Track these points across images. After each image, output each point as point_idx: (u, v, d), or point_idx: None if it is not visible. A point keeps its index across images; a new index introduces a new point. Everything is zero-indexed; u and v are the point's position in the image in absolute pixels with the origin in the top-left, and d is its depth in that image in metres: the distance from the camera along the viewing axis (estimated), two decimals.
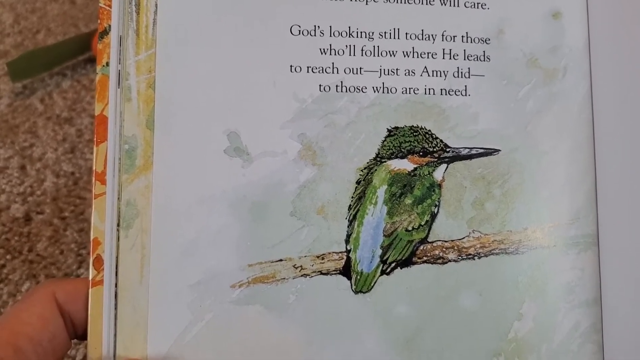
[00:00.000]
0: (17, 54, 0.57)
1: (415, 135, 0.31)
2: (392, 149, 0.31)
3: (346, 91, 0.31)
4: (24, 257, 0.44)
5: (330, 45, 0.31)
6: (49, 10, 0.60)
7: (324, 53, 0.31)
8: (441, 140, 0.31)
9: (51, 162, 0.48)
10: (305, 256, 0.30)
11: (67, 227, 0.45)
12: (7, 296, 0.42)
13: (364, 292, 0.30)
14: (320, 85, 0.30)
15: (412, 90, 0.31)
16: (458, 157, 0.31)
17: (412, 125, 0.31)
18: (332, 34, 0.31)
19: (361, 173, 0.31)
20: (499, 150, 0.31)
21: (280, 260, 0.30)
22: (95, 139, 0.29)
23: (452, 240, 0.31)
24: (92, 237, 0.29)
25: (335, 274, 0.30)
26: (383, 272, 0.30)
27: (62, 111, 0.52)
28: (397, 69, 0.31)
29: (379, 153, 0.31)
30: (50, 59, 0.55)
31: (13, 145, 0.49)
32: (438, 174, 0.31)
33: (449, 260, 0.31)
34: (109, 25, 0.30)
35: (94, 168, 0.29)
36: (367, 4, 0.31)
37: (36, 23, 0.59)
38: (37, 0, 0.61)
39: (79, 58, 0.57)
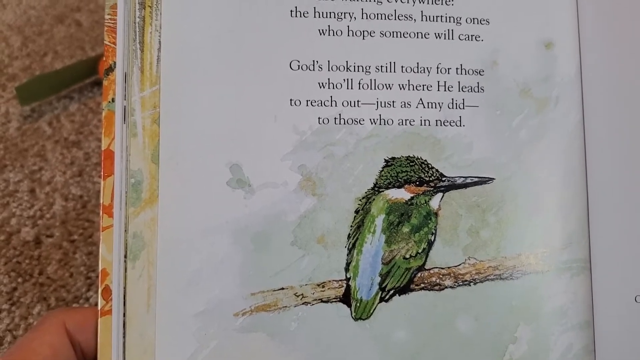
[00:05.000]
0: (25, 77, 0.58)
1: (412, 165, 0.32)
2: (389, 179, 0.32)
3: (344, 123, 0.31)
4: (34, 280, 0.45)
5: (329, 79, 0.31)
6: (55, 33, 0.61)
7: (322, 87, 0.31)
8: (437, 170, 0.32)
9: (60, 186, 0.49)
10: (306, 284, 0.31)
11: (76, 250, 0.46)
12: (19, 319, 0.43)
13: (363, 319, 0.31)
14: (319, 118, 0.31)
15: (408, 122, 0.32)
16: (453, 186, 0.32)
17: (409, 156, 0.32)
18: (330, 69, 0.31)
19: (360, 202, 0.31)
20: (493, 178, 0.32)
21: (282, 288, 0.31)
22: (102, 173, 0.30)
23: (448, 267, 0.32)
24: (100, 268, 0.30)
25: (335, 301, 0.31)
26: (382, 299, 0.31)
27: (69, 134, 0.53)
28: (393, 101, 0.32)
29: (376, 183, 0.31)
30: (57, 82, 0.56)
31: (22, 169, 0.50)
32: (434, 202, 0.32)
33: (446, 287, 0.31)
34: (114, 63, 0.31)
35: (101, 201, 0.30)
36: (363, 38, 0.32)
37: (43, 46, 0.60)
38: (44, 22, 0.62)
39: (85, 81, 0.58)
